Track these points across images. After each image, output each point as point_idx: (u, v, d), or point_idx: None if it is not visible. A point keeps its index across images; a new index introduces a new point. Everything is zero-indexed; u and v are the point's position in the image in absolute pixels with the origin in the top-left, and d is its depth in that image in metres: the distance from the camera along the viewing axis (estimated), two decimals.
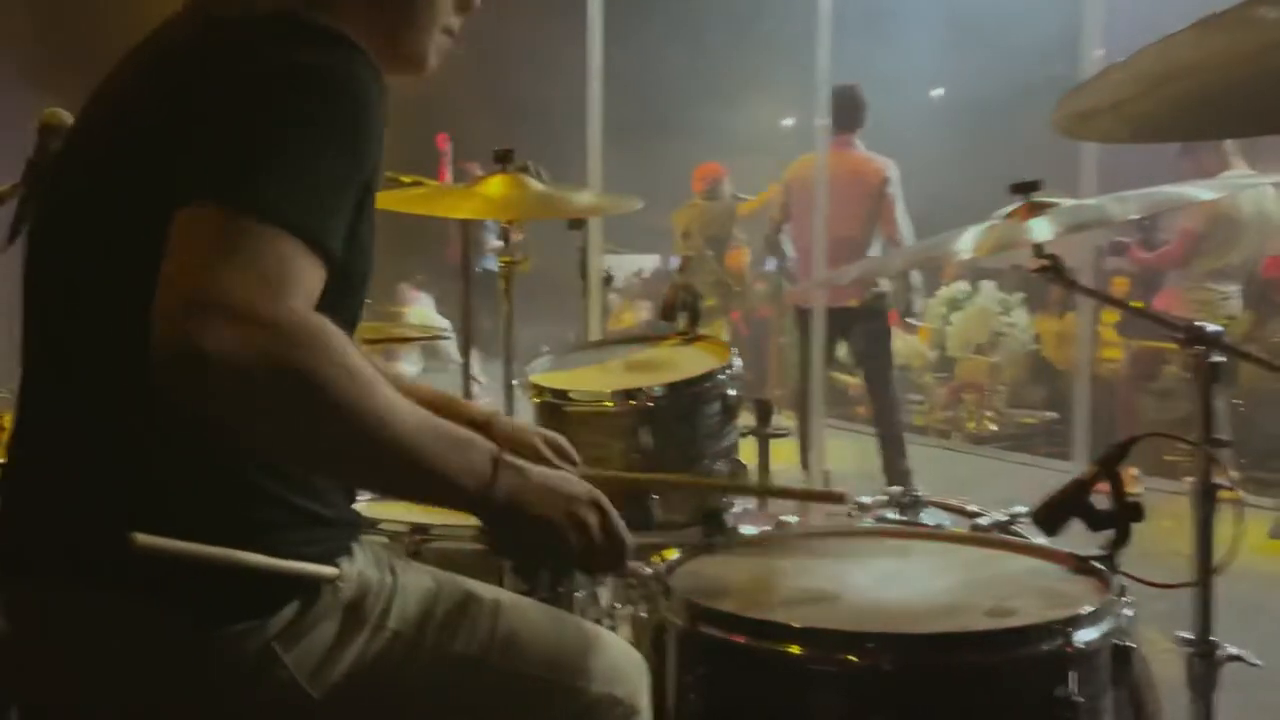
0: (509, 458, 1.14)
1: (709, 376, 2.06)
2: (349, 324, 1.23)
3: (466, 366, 3.20)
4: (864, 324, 5.19)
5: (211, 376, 0.95)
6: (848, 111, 5.17)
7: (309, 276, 1.03)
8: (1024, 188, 1.77)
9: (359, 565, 1.26)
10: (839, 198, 5.06)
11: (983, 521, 1.96)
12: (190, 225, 1.01)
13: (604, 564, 1.24)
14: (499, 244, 2.58)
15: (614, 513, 1.22)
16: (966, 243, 1.81)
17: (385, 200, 2.63)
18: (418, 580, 1.32)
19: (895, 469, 5.11)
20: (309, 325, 0.99)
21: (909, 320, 5.67)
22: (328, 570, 1.21)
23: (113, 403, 1.14)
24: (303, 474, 1.19)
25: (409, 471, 1.07)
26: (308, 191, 1.04)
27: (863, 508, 2.11)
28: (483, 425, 1.52)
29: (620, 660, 1.40)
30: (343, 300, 1.14)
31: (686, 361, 2.18)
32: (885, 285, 5.27)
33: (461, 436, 1.12)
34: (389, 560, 1.33)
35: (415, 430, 1.06)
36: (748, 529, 1.91)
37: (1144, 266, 6.07)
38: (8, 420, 2.23)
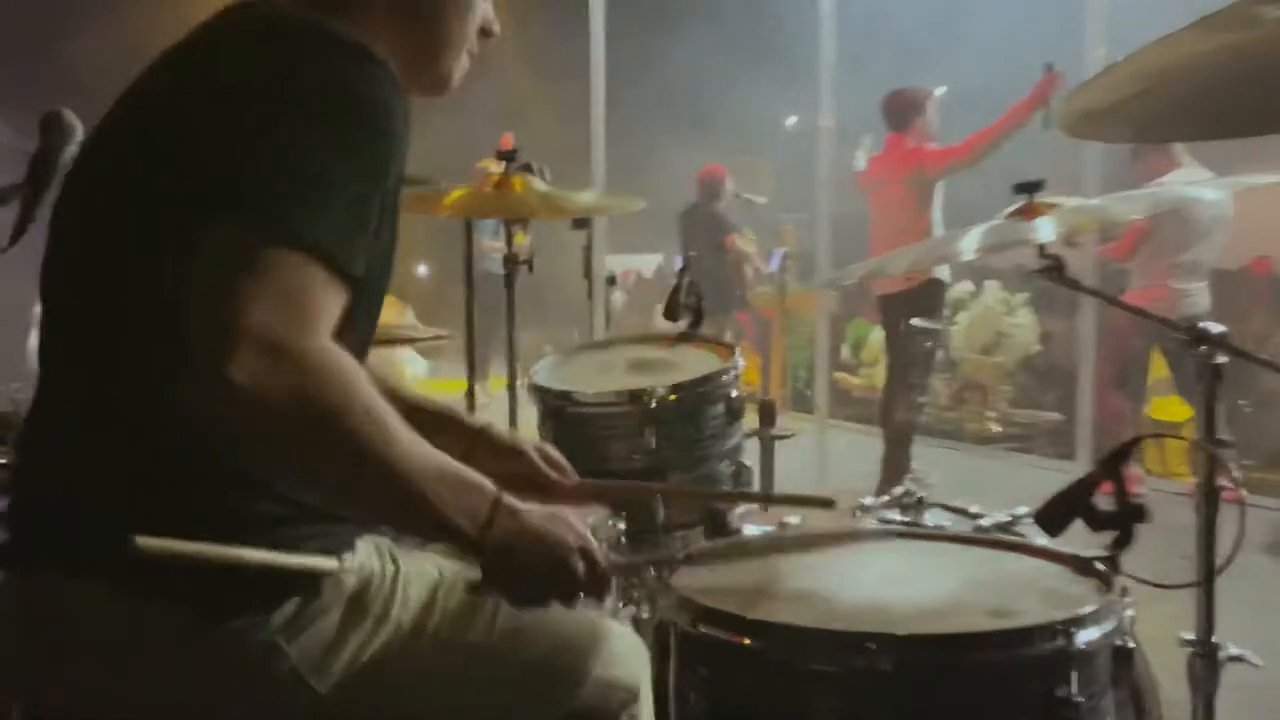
0: (508, 502, 1.15)
1: (713, 377, 2.06)
2: (365, 336, 1.24)
3: (471, 370, 3.18)
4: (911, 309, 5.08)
5: (239, 405, 0.97)
6: (895, 113, 5.24)
7: (333, 304, 1.05)
8: (1027, 188, 1.77)
9: (361, 556, 1.27)
10: (890, 193, 5.09)
11: (985, 522, 1.96)
12: (218, 246, 1.02)
13: (585, 602, 1.26)
14: (498, 244, 2.57)
15: (600, 557, 1.23)
16: (969, 243, 1.81)
17: None
18: (421, 568, 1.33)
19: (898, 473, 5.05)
20: (335, 362, 1.01)
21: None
22: (329, 563, 1.21)
23: (118, 398, 1.14)
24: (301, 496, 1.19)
25: (408, 511, 1.10)
26: (333, 216, 1.05)
27: (865, 509, 2.10)
28: (477, 436, 1.54)
29: (621, 645, 1.42)
30: (361, 313, 1.15)
31: (690, 362, 2.18)
32: (941, 273, 5.11)
33: (463, 479, 1.13)
34: (390, 549, 1.34)
35: (420, 471, 1.07)
36: (750, 529, 1.91)
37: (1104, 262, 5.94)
38: (11, 419, 2.24)
